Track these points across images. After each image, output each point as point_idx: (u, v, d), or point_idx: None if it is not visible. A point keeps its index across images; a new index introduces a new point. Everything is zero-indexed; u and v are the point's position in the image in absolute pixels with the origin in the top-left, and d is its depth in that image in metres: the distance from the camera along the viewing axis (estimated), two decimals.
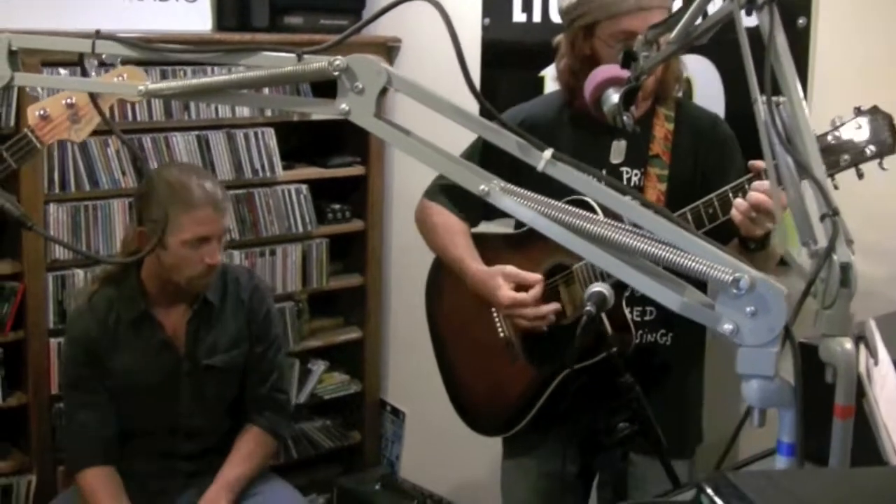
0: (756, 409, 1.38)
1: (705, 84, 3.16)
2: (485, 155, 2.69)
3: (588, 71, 2.68)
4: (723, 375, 3.09)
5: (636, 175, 2.74)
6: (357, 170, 4.28)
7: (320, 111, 1.39)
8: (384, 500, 4.16)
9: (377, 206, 4.33)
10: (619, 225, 1.34)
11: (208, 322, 3.19)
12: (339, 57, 1.39)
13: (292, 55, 1.42)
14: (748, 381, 1.36)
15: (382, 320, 4.47)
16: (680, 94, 2.87)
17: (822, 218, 1.48)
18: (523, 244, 2.83)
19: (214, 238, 3.03)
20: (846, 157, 2.37)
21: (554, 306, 2.72)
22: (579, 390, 2.69)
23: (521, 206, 1.35)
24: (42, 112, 2.39)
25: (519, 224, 2.92)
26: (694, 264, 1.31)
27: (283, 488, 3.36)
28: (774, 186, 1.64)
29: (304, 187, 4.09)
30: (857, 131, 2.34)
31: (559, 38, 2.81)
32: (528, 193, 1.37)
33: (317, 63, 1.40)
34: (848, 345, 1.38)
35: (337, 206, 4.26)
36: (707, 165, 2.75)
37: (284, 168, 4.05)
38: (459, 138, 2.07)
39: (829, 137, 2.35)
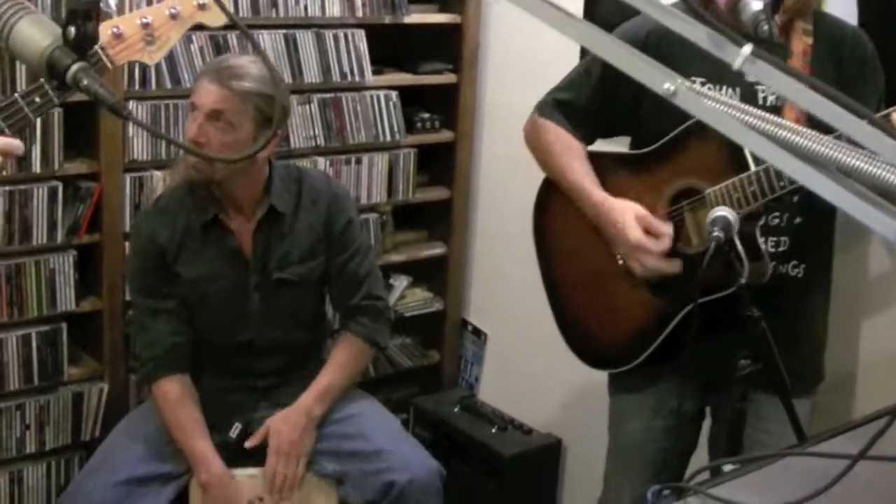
0: None
1: None
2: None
3: None
4: (843, 313, 2.91)
5: (773, 93, 2.51)
6: (448, 78, 4.05)
7: None
8: (463, 422, 4.00)
9: (468, 117, 4.11)
10: (834, 140, 1.13)
11: (279, 232, 3.03)
12: None
13: None
14: None
15: (468, 236, 4.27)
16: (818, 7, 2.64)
17: None
18: (647, 165, 2.62)
19: (200, 110, 2.84)
20: None
21: (676, 267, 2.53)
22: (704, 324, 2.47)
23: (714, 111, 1.13)
24: (115, 30, 2.19)
25: (636, 144, 2.71)
26: None
27: (376, 409, 3.25)
28: None
29: (393, 94, 3.88)
30: None
31: None
32: (723, 97, 1.15)
33: None
34: None
35: (426, 116, 4.05)
36: (846, 82, 2.50)
37: (374, 73, 3.84)
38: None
39: None
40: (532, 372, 4.07)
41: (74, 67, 1.52)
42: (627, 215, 2.55)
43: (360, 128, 3.82)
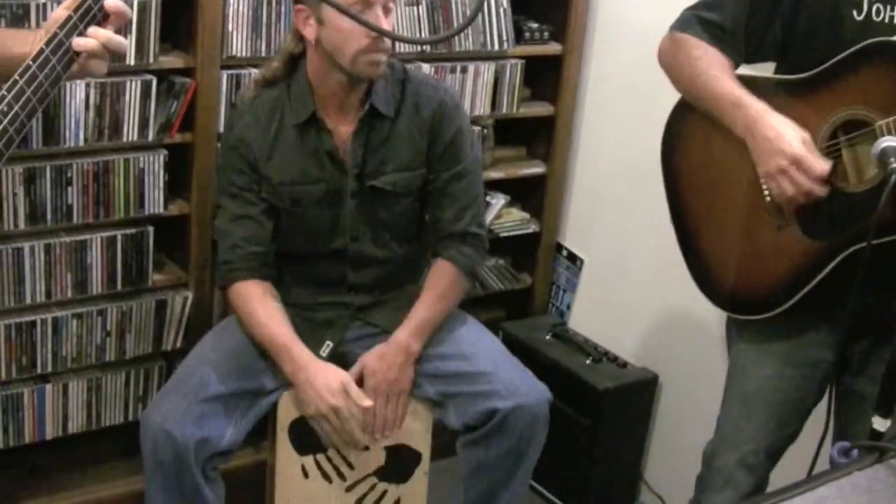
0: None
1: None
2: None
3: None
4: None
5: None
6: None
7: None
8: (555, 351, 3.81)
9: (578, 29, 3.83)
10: None
11: (379, 136, 2.83)
12: None
13: None
14: None
15: (569, 157, 4.03)
16: None
17: None
18: (807, 90, 2.34)
19: (378, 4, 2.62)
20: None
21: (824, 192, 2.27)
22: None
23: None
24: None
25: (783, 70, 2.46)
26: None
27: (476, 328, 3.06)
28: None
29: (504, 0, 3.63)
30: None
31: None
32: None
33: None
34: None
35: (535, 25, 3.79)
36: None
37: None
38: None
39: None
40: (629, 303, 3.87)
41: None
42: (791, 129, 2.29)
43: (469, 34, 3.59)
